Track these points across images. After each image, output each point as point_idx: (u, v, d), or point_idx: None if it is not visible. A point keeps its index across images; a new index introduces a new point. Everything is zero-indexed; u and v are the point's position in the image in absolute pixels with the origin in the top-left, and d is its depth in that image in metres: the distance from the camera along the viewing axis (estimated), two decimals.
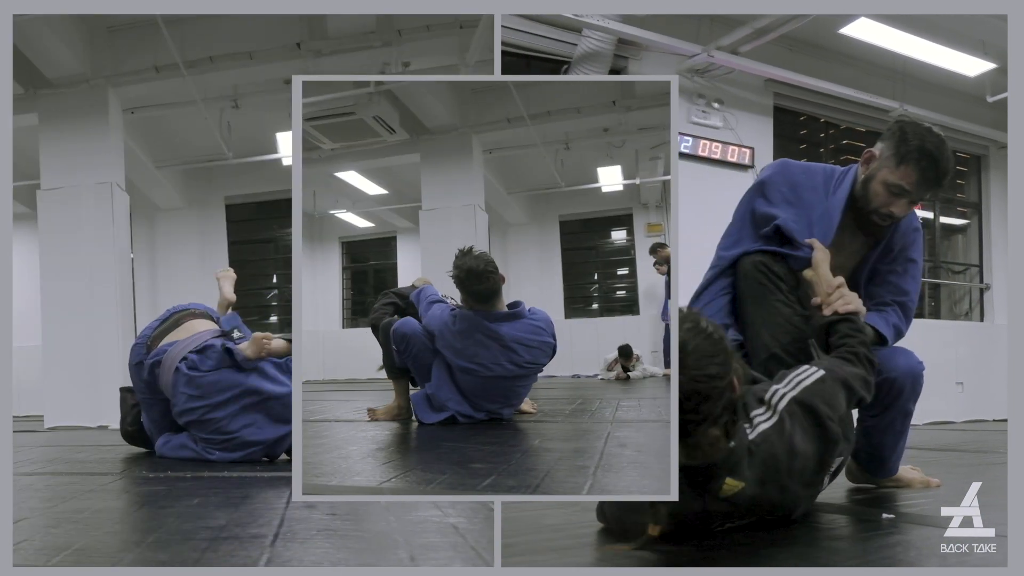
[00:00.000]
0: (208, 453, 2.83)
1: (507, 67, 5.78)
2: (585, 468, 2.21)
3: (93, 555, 1.57)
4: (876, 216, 2.15)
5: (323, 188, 8.55)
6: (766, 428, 1.68)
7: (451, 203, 6.56)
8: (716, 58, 5.63)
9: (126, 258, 5.45)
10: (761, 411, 1.71)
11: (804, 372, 1.79)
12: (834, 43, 6.04)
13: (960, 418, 6.09)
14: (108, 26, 5.44)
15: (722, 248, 2.27)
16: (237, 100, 6.21)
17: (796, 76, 6.03)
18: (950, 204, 7.64)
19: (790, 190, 2.21)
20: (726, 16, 5.60)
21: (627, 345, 7.10)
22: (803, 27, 5.52)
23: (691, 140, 5.93)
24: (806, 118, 6.81)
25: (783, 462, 1.67)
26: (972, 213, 7.65)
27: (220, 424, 2.79)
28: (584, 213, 9.23)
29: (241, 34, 5.35)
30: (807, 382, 1.76)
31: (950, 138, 7.54)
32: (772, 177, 2.25)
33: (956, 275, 7.68)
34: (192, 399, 2.80)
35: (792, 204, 2.19)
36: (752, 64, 5.79)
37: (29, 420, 5.32)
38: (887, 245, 2.22)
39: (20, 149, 4.93)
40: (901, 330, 2.21)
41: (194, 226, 7.58)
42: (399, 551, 1.58)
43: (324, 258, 9.66)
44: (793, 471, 1.69)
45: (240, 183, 7.57)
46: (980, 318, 7.42)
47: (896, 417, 2.16)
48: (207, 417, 2.80)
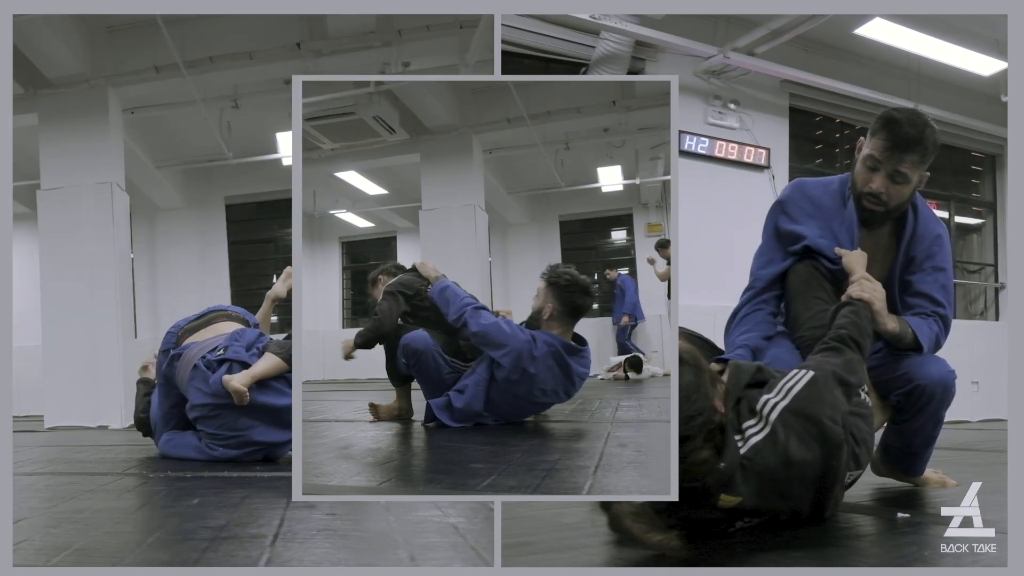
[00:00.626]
0: (212, 449, 2.86)
1: (526, 70, 5.81)
2: (585, 468, 2.21)
3: (93, 555, 1.57)
4: (866, 200, 2.15)
5: (323, 188, 8.54)
6: (757, 441, 1.66)
7: (451, 203, 6.56)
8: (732, 59, 5.68)
9: (126, 258, 5.45)
10: (753, 422, 1.69)
11: (793, 378, 1.76)
12: (849, 43, 6.07)
13: (976, 417, 6.09)
14: (108, 26, 5.44)
15: (756, 268, 2.31)
16: (237, 100, 6.21)
17: (811, 77, 6.06)
18: (965, 204, 7.66)
19: (809, 204, 2.25)
20: (742, 17, 5.64)
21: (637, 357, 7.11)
22: (818, 28, 5.56)
23: (707, 141, 5.96)
24: (821, 118, 6.82)
25: (779, 472, 1.66)
26: (987, 212, 7.67)
27: (228, 421, 2.82)
28: (584, 213, 9.23)
29: (241, 34, 5.35)
30: (797, 388, 1.73)
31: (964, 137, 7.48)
32: (790, 195, 2.29)
33: (971, 274, 7.69)
34: (205, 395, 2.84)
35: (813, 216, 2.22)
36: (768, 65, 5.83)
37: (29, 420, 5.33)
38: (907, 253, 2.21)
39: (20, 149, 4.93)
40: (940, 341, 2.19)
41: (194, 226, 7.58)
42: (399, 551, 1.58)
43: (324, 258, 9.65)
44: (792, 479, 1.68)
45: (240, 183, 7.57)
46: (996, 317, 7.44)
47: (927, 422, 2.17)
48: (216, 413, 2.84)
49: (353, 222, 9.38)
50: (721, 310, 2.43)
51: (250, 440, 2.83)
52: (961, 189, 7.62)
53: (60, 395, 5.15)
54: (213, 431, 2.85)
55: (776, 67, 5.88)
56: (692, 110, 5.97)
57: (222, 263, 7.59)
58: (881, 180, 2.12)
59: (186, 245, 7.51)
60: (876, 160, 2.11)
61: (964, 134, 6.93)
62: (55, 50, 5.19)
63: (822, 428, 1.70)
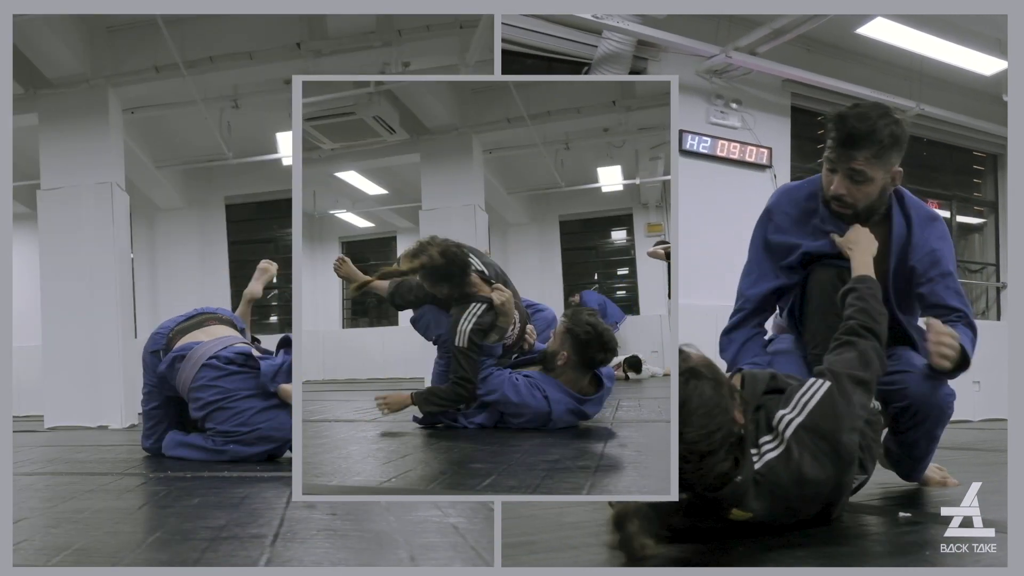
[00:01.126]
0: (223, 447, 2.83)
1: (527, 69, 5.82)
2: (585, 468, 2.21)
3: (93, 555, 1.57)
4: (833, 204, 2.05)
5: (323, 188, 8.55)
6: (771, 458, 1.64)
7: (451, 203, 6.55)
8: (734, 59, 5.69)
9: (126, 258, 5.45)
10: (769, 438, 1.67)
11: (809, 390, 1.71)
12: (851, 43, 6.08)
13: (977, 417, 6.09)
14: (108, 26, 5.44)
15: (745, 287, 2.23)
16: (237, 100, 6.20)
17: (813, 76, 6.06)
18: (966, 203, 7.66)
19: (795, 208, 2.16)
20: (744, 17, 5.64)
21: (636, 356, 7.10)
22: (820, 27, 5.56)
23: (709, 140, 5.97)
24: (823, 118, 6.82)
25: (791, 491, 1.64)
26: (989, 212, 7.67)
27: (244, 416, 2.81)
28: (584, 213, 9.23)
29: (241, 34, 5.35)
30: (813, 402, 1.68)
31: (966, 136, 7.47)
32: (777, 203, 2.21)
33: (973, 274, 7.69)
34: (219, 391, 2.83)
35: (801, 222, 2.14)
36: (770, 64, 5.84)
37: (29, 420, 5.33)
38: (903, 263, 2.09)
39: (20, 149, 4.93)
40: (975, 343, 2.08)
41: (194, 226, 7.58)
42: (399, 551, 1.58)
43: (324, 258, 9.65)
44: (805, 497, 1.66)
45: (240, 183, 7.57)
46: (997, 317, 7.43)
47: (920, 439, 2.11)
48: (232, 406, 2.82)
49: (353, 222, 9.38)
50: (721, 310, 2.40)
51: (265, 435, 2.81)
52: (962, 189, 7.62)
53: (60, 395, 5.15)
54: (227, 428, 2.82)
55: (778, 66, 5.88)
56: (694, 109, 5.97)
57: (222, 263, 7.59)
58: (840, 181, 2.02)
59: (186, 245, 7.51)
60: (831, 160, 2.02)
61: (966, 133, 6.93)
62: (55, 50, 5.18)
63: (837, 445, 1.67)
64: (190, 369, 2.90)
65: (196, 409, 2.90)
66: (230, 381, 2.83)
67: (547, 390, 3.04)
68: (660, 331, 7.98)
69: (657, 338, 7.92)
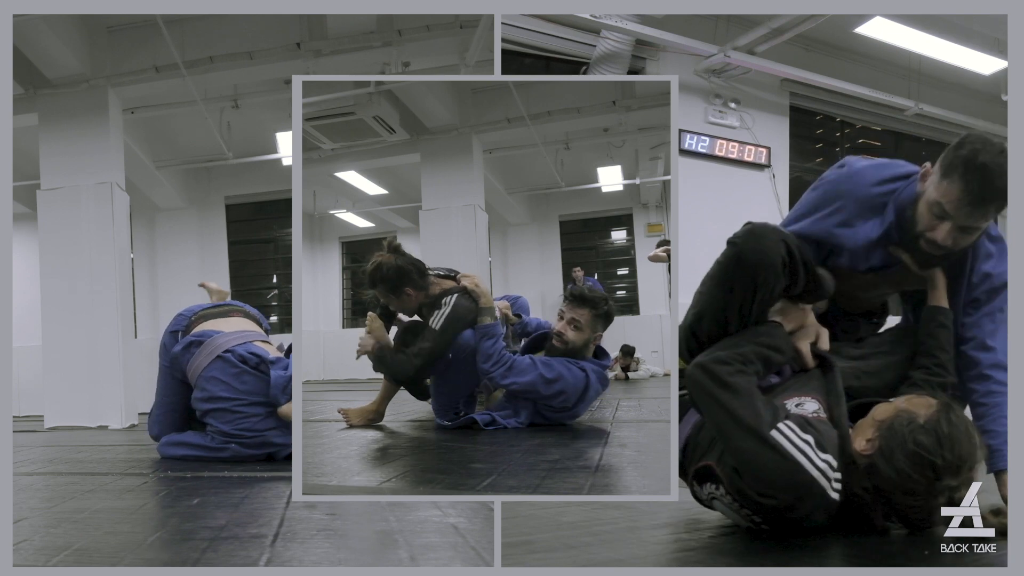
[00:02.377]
0: (223, 446, 2.79)
1: (526, 68, 5.83)
2: (585, 468, 2.21)
3: (93, 555, 1.57)
4: (923, 242, 1.78)
5: (323, 188, 8.56)
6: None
7: (451, 203, 6.56)
8: (732, 58, 5.70)
9: (126, 258, 5.45)
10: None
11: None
12: (849, 42, 6.09)
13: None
14: (108, 26, 5.44)
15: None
16: (237, 100, 6.22)
17: (812, 76, 6.08)
18: None
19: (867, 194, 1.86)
20: (742, 17, 5.65)
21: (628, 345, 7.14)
22: (819, 27, 5.58)
23: (708, 140, 5.98)
24: (822, 117, 6.84)
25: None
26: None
27: (250, 422, 2.76)
28: (584, 213, 9.25)
29: (241, 34, 5.35)
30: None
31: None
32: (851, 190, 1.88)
33: None
34: (228, 389, 2.78)
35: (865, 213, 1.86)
36: (768, 64, 5.85)
37: (29, 420, 5.33)
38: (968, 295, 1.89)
39: (20, 149, 4.93)
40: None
41: (194, 226, 7.59)
42: (399, 551, 1.58)
43: (324, 258, 9.67)
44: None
45: (240, 183, 7.58)
46: None
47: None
48: (239, 410, 2.77)
49: (353, 222, 9.39)
50: None
51: (269, 441, 2.78)
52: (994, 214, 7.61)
53: (60, 395, 5.14)
54: (230, 429, 2.78)
55: (777, 66, 5.89)
56: (693, 109, 5.98)
57: (222, 263, 7.60)
58: (948, 232, 1.74)
59: (186, 245, 7.52)
60: (945, 211, 1.72)
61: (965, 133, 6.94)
62: (55, 50, 5.19)
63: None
64: (204, 357, 2.85)
65: (201, 400, 2.85)
66: (241, 382, 2.77)
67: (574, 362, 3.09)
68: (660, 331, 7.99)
69: (657, 338, 7.93)
